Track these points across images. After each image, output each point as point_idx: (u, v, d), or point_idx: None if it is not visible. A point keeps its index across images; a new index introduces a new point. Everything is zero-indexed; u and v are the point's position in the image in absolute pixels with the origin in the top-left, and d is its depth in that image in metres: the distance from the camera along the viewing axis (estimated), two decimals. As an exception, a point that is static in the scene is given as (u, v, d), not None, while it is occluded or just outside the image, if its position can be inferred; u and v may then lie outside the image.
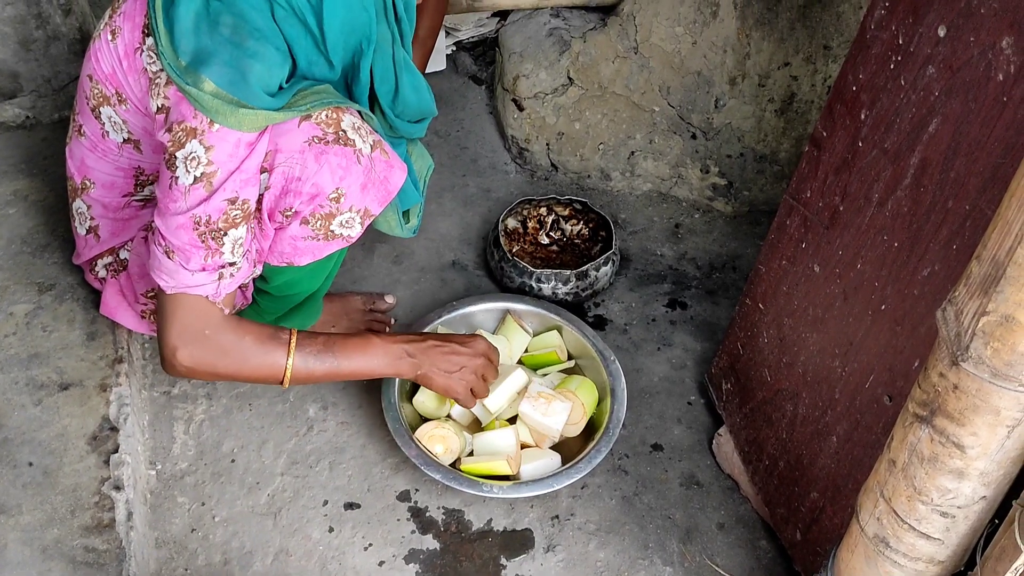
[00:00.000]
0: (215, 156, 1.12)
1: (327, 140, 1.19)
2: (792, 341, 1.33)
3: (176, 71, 1.10)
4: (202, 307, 1.22)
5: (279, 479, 1.51)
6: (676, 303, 1.88)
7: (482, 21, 2.34)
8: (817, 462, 1.29)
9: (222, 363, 1.26)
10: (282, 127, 1.17)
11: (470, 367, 1.42)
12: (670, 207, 2.09)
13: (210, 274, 1.20)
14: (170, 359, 1.24)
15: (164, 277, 1.20)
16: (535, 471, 1.48)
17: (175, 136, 1.13)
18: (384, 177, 1.27)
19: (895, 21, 1.02)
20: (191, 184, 1.13)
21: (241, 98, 1.09)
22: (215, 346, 1.24)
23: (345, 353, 1.33)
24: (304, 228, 1.25)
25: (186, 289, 1.20)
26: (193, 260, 1.18)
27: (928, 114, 0.99)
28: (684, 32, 1.91)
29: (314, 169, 1.19)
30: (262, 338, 1.28)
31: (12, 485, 1.32)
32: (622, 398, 1.56)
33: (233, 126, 1.10)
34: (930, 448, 0.87)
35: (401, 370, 1.39)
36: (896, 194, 1.05)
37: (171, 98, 1.14)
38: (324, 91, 1.20)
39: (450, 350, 1.42)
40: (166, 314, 1.23)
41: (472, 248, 1.95)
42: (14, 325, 1.51)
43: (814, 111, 1.96)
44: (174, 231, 1.16)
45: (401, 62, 1.33)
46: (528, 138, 2.10)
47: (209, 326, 1.23)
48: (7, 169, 1.79)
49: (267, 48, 1.11)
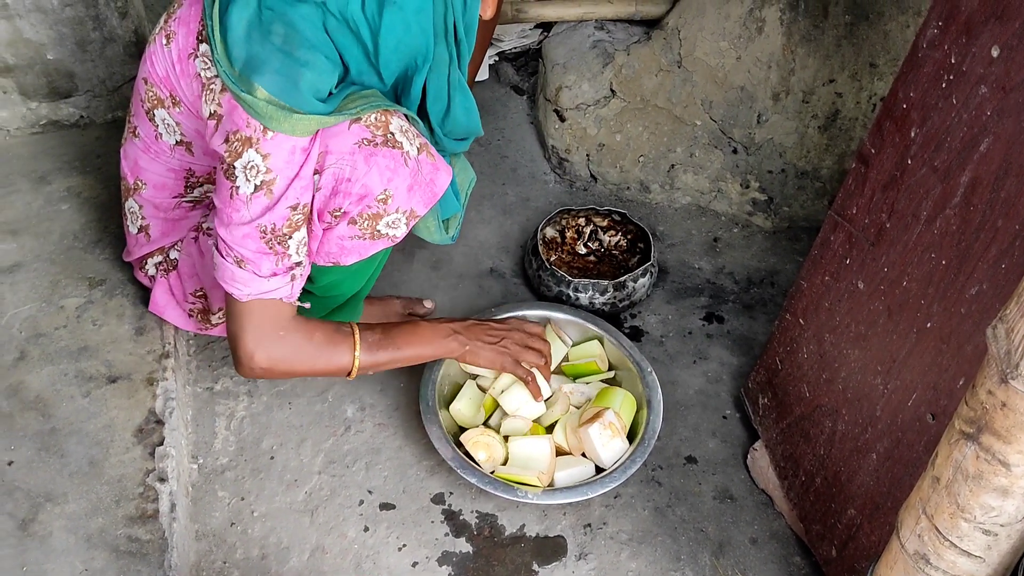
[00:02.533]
0: (272, 163, 1.14)
1: (376, 142, 1.21)
2: (833, 357, 1.33)
3: (231, 78, 1.12)
4: (276, 310, 1.26)
5: (317, 477, 1.53)
6: (713, 316, 1.88)
7: (525, 32, 2.36)
8: (856, 479, 1.29)
9: (296, 361, 1.31)
10: (332, 129, 1.19)
11: (511, 338, 1.51)
12: (709, 221, 2.09)
13: (283, 277, 1.23)
14: (247, 363, 1.28)
15: (238, 286, 1.23)
16: (569, 479, 1.49)
17: (231, 146, 1.15)
18: (430, 179, 1.29)
19: (948, 40, 1.02)
20: (252, 193, 1.16)
21: (293, 105, 1.11)
22: (289, 346, 1.29)
23: (402, 339, 1.42)
24: (351, 228, 1.27)
25: (262, 295, 1.23)
26: (264, 266, 1.21)
27: (979, 133, 0.99)
28: (729, 47, 1.91)
29: (363, 170, 1.21)
30: (329, 334, 1.34)
31: (59, 474, 1.35)
32: (658, 410, 1.56)
33: (287, 131, 1.13)
34: (975, 466, 0.87)
35: (451, 348, 1.46)
36: (945, 212, 1.05)
37: (224, 105, 1.16)
38: (373, 95, 1.22)
39: (489, 326, 1.52)
40: (241, 320, 1.26)
41: (510, 256, 1.97)
42: (65, 318, 1.55)
43: (858, 128, 1.95)
44: (241, 241, 1.19)
45: (456, 83, 1.34)
46: (568, 148, 2.11)
47: (282, 327, 1.28)
48: (61, 166, 1.84)
49: (317, 57, 1.13)
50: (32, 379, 1.46)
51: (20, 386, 1.45)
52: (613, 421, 1.50)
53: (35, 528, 1.29)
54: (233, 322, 1.27)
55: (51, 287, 1.59)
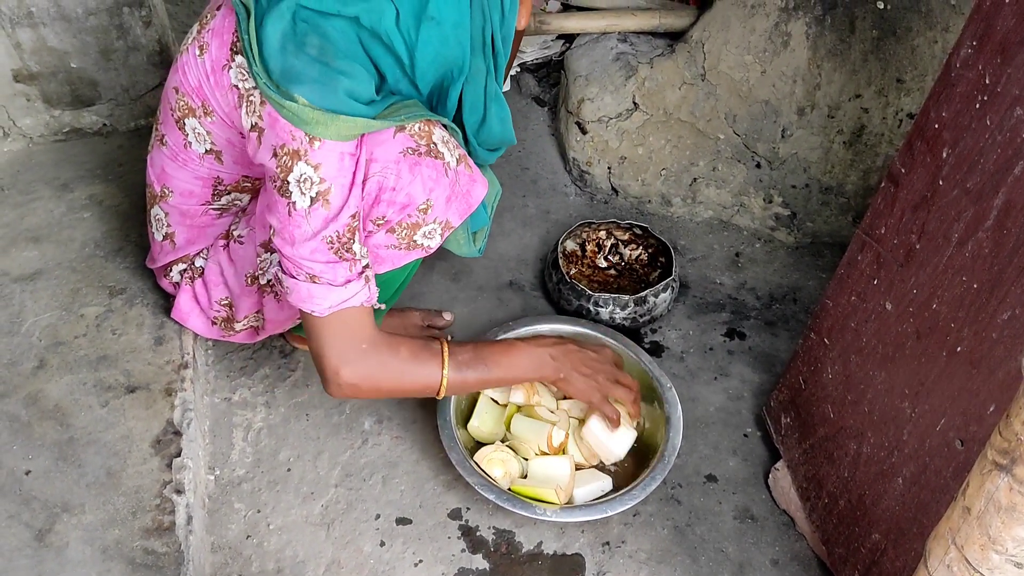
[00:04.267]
0: (325, 173, 1.14)
1: (420, 151, 1.21)
2: (858, 379, 1.31)
3: (271, 89, 1.11)
4: (357, 320, 1.25)
5: (333, 490, 1.53)
6: (734, 333, 1.86)
7: (547, 44, 2.35)
8: (881, 503, 1.27)
9: (383, 377, 1.29)
10: (377, 137, 1.18)
11: (604, 372, 1.48)
12: (731, 235, 2.07)
13: (358, 282, 1.22)
14: (334, 379, 1.26)
15: (317, 302, 1.21)
16: (588, 495, 1.48)
17: (281, 161, 1.14)
18: (467, 191, 1.28)
19: (982, 60, 1.00)
20: (310, 206, 1.15)
21: (335, 109, 1.11)
22: (375, 360, 1.27)
23: (494, 360, 1.38)
24: (389, 237, 1.27)
25: (342, 305, 1.22)
26: (340, 275, 1.20)
27: (1014, 156, 0.97)
28: (753, 61, 1.90)
29: (408, 180, 1.21)
30: (415, 350, 1.32)
31: (76, 484, 1.35)
32: (678, 427, 1.54)
33: (333, 136, 1.12)
34: (1008, 497, 0.84)
35: (545, 373, 1.43)
36: (977, 235, 1.03)
37: (265, 118, 1.15)
38: (415, 105, 1.22)
39: (585, 355, 1.48)
40: (323, 337, 1.25)
41: (530, 269, 1.96)
42: (85, 327, 1.55)
43: (884, 144, 1.93)
44: (310, 256, 1.18)
45: (492, 94, 1.34)
46: (590, 161, 2.10)
47: (365, 340, 1.26)
48: (83, 174, 1.85)
49: (353, 66, 1.13)
50: (51, 388, 1.46)
51: (39, 395, 1.45)
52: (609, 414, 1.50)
53: (51, 539, 1.28)
54: (315, 341, 1.26)
55: (71, 295, 1.59)
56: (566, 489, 1.46)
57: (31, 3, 1.74)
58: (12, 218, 1.73)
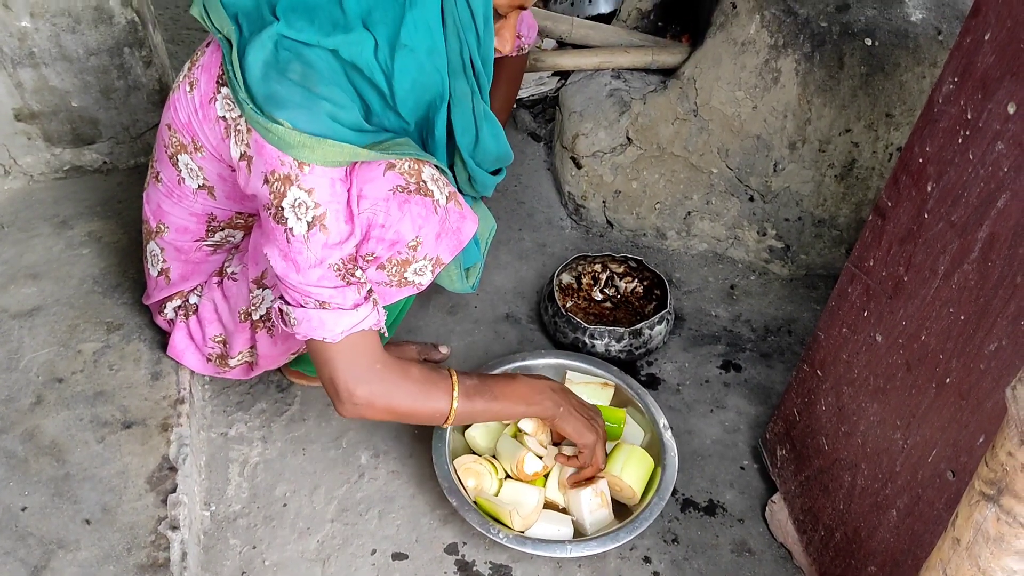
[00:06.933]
0: (319, 197, 1.14)
1: (410, 190, 1.23)
2: (851, 410, 1.31)
3: (256, 112, 1.12)
4: (368, 342, 1.24)
5: (329, 526, 1.52)
6: (730, 365, 1.87)
7: (543, 80, 2.39)
8: (876, 535, 1.27)
9: (395, 397, 1.28)
10: (368, 174, 1.19)
11: (598, 421, 1.47)
12: (725, 268, 2.09)
13: (367, 305, 1.22)
14: (349, 399, 1.25)
15: (330, 328, 1.21)
16: (545, 532, 1.47)
17: (273, 188, 1.15)
18: (457, 227, 1.30)
19: (964, 96, 1.02)
20: (307, 231, 1.15)
21: (320, 133, 1.11)
22: (388, 380, 1.27)
23: (499, 390, 1.38)
24: (380, 273, 1.28)
25: (353, 329, 1.21)
26: (349, 299, 1.20)
27: (997, 189, 0.98)
28: (745, 96, 1.92)
29: (397, 217, 1.22)
30: (425, 373, 1.31)
31: (72, 520, 1.35)
32: (673, 461, 1.54)
33: (319, 161, 1.12)
34: (996, 528, 0.85)
35: (546, 408, 1.42)
36: (963, 267, 1.04)
37: (252, 146, 1.16)
38: (406, 143, 1.24)
39: (582, 400, 1.48)
40: (334, 362, 1.24)
41: (526, 302, 1.97)
42: (82, 363, 1.56)
43: (875, 177, 1.95)
44: (319, 282, 1.18)
45: (481, 113, 1.36)
46: (585, 195, 2.12)
47: (378, 359, 1.26)
48: (83, 211, 1.86)
49: (336, 92, 1.14)
50: (48, 424, 1.46)
51: (36, 431, 1.45)
52: (604, 491, 1.50)
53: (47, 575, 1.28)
54: (326, 366, 1.25)
55: (69, 331, 1.60)
56: (525, 517, 1.45)
57: (33, 44, 1.77)
58: (12, 255, 1.74)
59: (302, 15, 1.15)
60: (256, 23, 1.15)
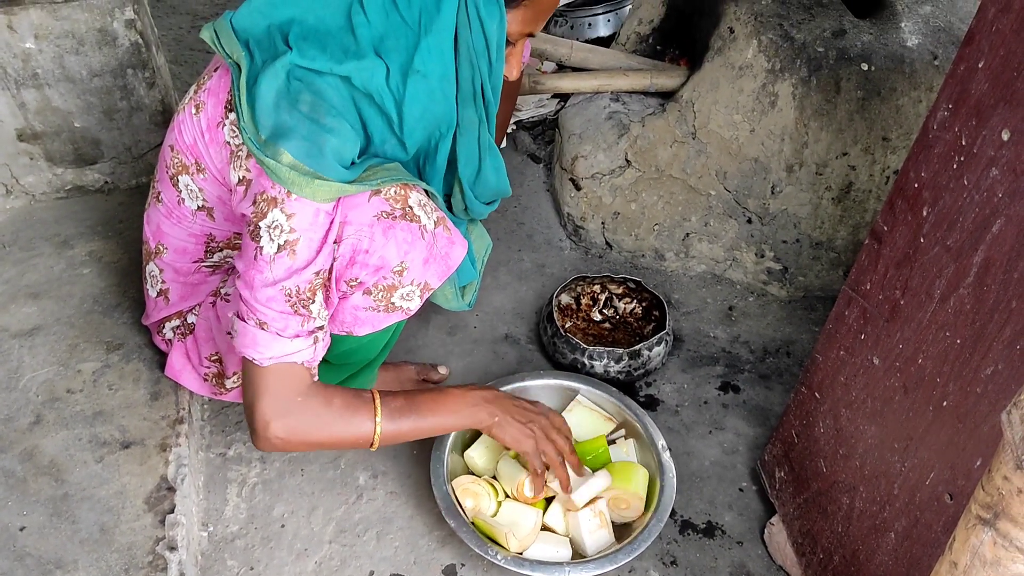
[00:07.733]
0: (297, 223, 1.15)
1: (395, 215, 1.23)
2: (849, 433, 1.32)
3: (256, 144, 1.14)
4: (295, 374, 1.24)
5: (327, 547, 1.52)
6: (729, 386, 1.87)
7: (542, 102, 2.40)
8: (874, 558, 1.26)
9: (315, 429, 1.26)
10: (352, 200, 1.20)
11: (538, 423, 1.44)
12: (724, 289, 2.10)
13: (305, 339, 1.22)
14: (263, 433, 1.24)
15: (260, 350, 1.21)
16: (540, 554, 1.47)
17: (258, 207, 1.17)
18: (445, 252, 1.30)
19: (958, 123, 1.04)
20: (276, 253, 1.16)
21: (317, 169, 1.13)
22: (308, 413, 1.25)
23: (427, 407, 1.36)
24: (366, 298, 1.28)
25: (284, 358, 1.21)
26: (290, 327, 1.20)
27: (991, 214, 0.99)
28: (742, 120, 1.94)
29: (381, 243, 1.23)
30: (348, 400, 1.29)
31: (70, 540, 1.35)
32: (672, 482, 1.54)
33: (308, 196, 1.14)
34: (992, 552, 0.85)
35: (479, 418, 1.41)
36: (959, 291, 1.05)
37: (252, 171, 1.19)
38: (394, 168, 1.24)
39: (521, 404, 1.46)
40: (258, 387, 1.23)
41: (525, 322, 1.97)
42: (82, 382, 1.56)
43: (872, 200, 1.96)
44: (265, 302, 1.18)
45: (486, 145, 1.36)
46: (584, 216, 2.13)
47: (300, 393, 1.24)
48: (84, 231, 1.87)
49: (343, 125, 1.16)
50: (47, 443, 1.46)
51: (35, 450, 1.45)
52: (604, 512, 1.50)
53: (43, 596, 1.28)
54: (250, 390, 1.25)
55: (69, 351, 1.61)
56: (522, 539, 1.45)
57: (37, 65, 1.79)
58: (12, 274, 1.75)
59: (314, 43, 1.16)
60: (268, 51, 1.17)
